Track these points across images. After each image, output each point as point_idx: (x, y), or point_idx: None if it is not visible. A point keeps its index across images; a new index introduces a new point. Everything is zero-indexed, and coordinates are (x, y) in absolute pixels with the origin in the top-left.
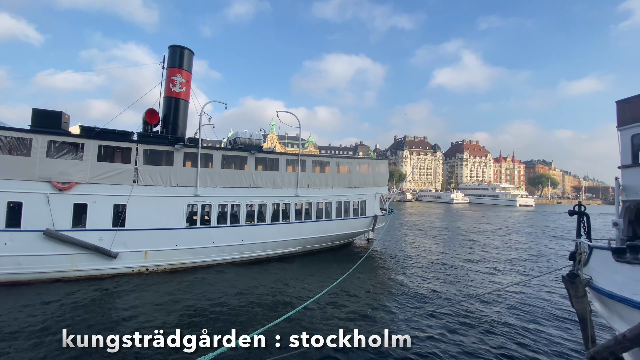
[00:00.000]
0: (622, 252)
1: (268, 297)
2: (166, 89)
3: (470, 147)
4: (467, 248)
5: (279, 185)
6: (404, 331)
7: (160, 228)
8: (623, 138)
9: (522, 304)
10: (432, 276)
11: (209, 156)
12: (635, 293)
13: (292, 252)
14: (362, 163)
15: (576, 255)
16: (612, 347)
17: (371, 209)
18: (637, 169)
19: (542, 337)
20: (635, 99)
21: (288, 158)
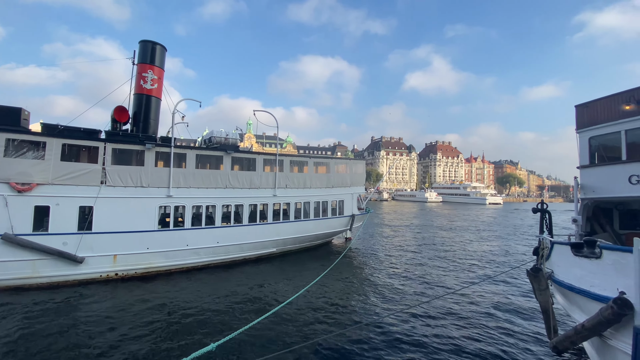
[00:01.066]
0: (580, 247)
1: (244, 299)
2: (137, 86)
3: (443, 148)
4: (440, 245)
5: (257, 185)
6: (381, 328)
7: (130, 231)
8: (581, 140)
9: (490, 298)
10: (407, 273)
11: (182, 156)
12: (592, 285)
13: (270, 253)
14: (340, 163)
15: (539, 250)
16: (572, 337)
17: (349, 209)
18: (594, 169)
19: (508, 329)
20: (593, 103)
21: (266, 158)
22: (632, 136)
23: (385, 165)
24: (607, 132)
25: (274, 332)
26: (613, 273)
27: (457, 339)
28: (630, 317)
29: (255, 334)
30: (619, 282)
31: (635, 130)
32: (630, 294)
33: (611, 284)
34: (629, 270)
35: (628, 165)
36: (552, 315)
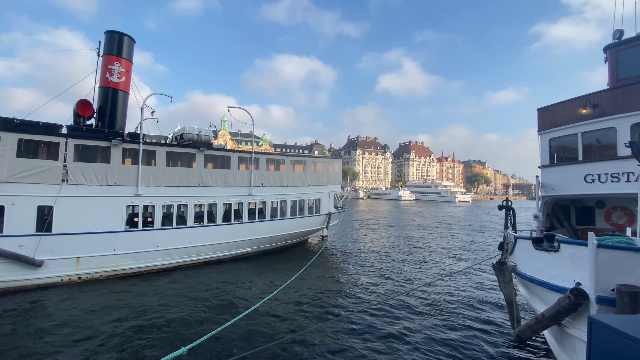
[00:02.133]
0: (540, 241)
1: (217, 300)
2: (102, 79)
3: (416, 147)
4: (413, 241)
5: (231, 184)
6: (356, 325)
7: (94, 232)
8: (542, 141)
9: (459, 290)
10: (381, 269)
11: (151, 152)
12: (551, 277)
13: (245, 253)
14: (317, 162)
15: (504, 245)
16: (533, 326)
17: (325, 207)
18: (553, 168)
19: (475, 319)
20: (553, 107)
21: (241, 156)
22: (588, 138)
23: (361, 164)
24: (565, 134)
25: (248, 332)
26: (570, 265)
27: (426, 329)
28: (585, 306)
29: (229, 335)
30: (575, 273)
31: (590, 132)
32: (585, 284)
33: (568, 276)
34: (584, 263)
35: (584, 165)
36: (516, 306)
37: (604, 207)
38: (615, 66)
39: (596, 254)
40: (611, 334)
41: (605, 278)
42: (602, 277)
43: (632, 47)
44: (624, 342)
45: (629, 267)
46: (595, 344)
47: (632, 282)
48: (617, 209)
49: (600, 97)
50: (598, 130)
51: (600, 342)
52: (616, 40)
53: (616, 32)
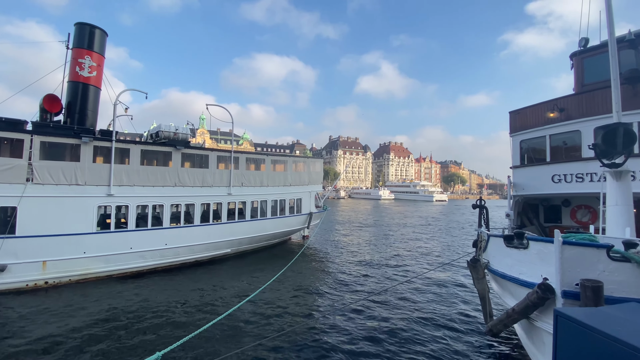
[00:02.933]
0: (510, 238)
1: (195, 303)
2: (72, 73)
3: (396, 148)
4: (392, 240)
5: (209, 183)
6: (335, 325)
7: (62, 234)
8: (514, 143)
9: (436, 287)
10: (361, 268)
11: (125, 151)
12: (521, 273)
13: (224, 254)
14: (298, 161)
15: (477, 242)
16: (505, 320)
17: (307, 207)
18: (524, 169)
19: (450, 315)
20: (523, 110)
21: (220, 155)
22: (555, 140)
23: (342, 164)
24: (534, 136)
25: (226, 335)
26: (538, 261)
27: (405, 326)
28: (552, 300)
29: (207, 338)
30: (542, 269)
31: (557, 135)
32: (551, 279)
33: (536, 271)
34: (550, 259)
35: (551, 166)
36: (489, 301)
37: (569, 206)
38: (580, 72)
39: (561, 250)
40: (575, 325)
41: (570, 273)
42: (567, 272)
43: (596, 54)
44: (586, 334)
45: (591, 262)
46: (561, 336)
47: (594, 276)
48: (582, 208)
49: (567, 102)
50: (564, 133)
51: (565, 333)
52: (582, 48)
53: (582, 40)
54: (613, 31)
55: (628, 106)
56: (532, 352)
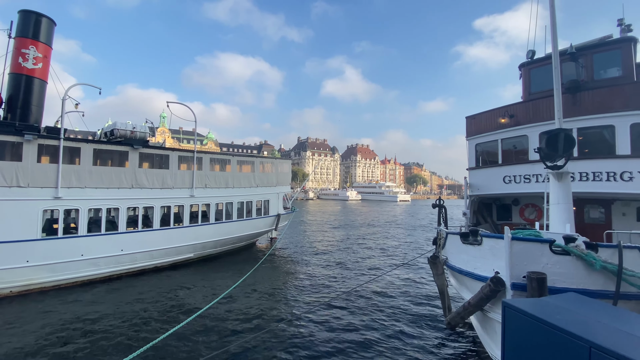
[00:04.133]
0: (466, 236)
1: (155, 311)
2: (14, 64)
3: (362, 150)
4: (358, 240)
5: (170, 185)
6: (302, 326)
7: (1, 241)
8: (470, 146)
9: (399, 283)
10: (329, 269)
11: (75, 150)
12: (476, 267)
13: (186, 259)
14: (266, 162)
15: (437, 240)
16: (462, 313)
17: (274, 208)
18: (479, 170)
19: (412, 310)
20: (478, 116)
21: (181, 155)
22: (506, 144)
23: (311, 165)
24: (488, 140)
25: (189, 342)
26: (490, 256)
27: (371, 323)
28: (502, 292)
29: (166, 348)
30: (494, 263)
31: (508, 139)
32: (502, 273)
33: (489, 266)
34: (501, 254)
35: (502, 168)
36: (447, 296)
37: (518, 205)
38: (527, 82)
39: (510, 246)
40: (520, 315)
41: (518, 267)
42: (515, 266)
43: (541, 65)
44: (529, 322)
45: (536, 256)
46: (508, 325)
47: (539, 269)
48: (529, 206)
49: (516, 109)
50: (514, 137)
51: (512, 322)
52: (529, 59)
53: (529, 52)
54: (556, 45)
55: (568, 113)
56: (486, 341)
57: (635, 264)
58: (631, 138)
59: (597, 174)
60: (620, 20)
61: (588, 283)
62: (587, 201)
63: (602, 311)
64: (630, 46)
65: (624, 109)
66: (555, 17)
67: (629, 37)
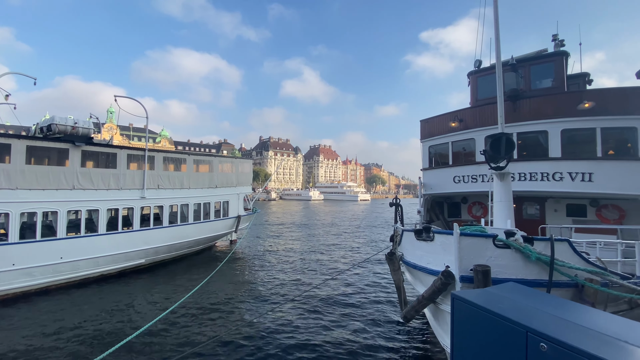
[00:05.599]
0: (420, 232)
1: (101, 322)
2: None
3: (325, 150)
4: (320, 239)
5: (118, 186)
6: (264, 328)
7: None
8: (423, 148)
9: (359, 281)
10: (290, 270)
11: (4, 147)
12: (429, 262)
13: (137, 265)
14: (225, 162)
15: (394, 237)
16: (416, 306)
17: (234, 210)
18: (432, 171)
19: (371, 306)
20: (432, 119)
21: (131, 153)
22: (456, 146)
23: (273, 165)
24: (440, 142)
25: (143, 351)
26: (441, 251)
27: (332, 320)
28: (452, 285)
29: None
30: (445, 258)
31: (457, 142)
32: (452, 267)
33: (440, 260)
34: (451, 248)
35: (453, 169)
36: (403, 290)
37: (467, 203)
38: (475, 89)
39: (459, 241)
40: (466, 305)
41: (466, 260)
42: (463, 259)
43: (486, 74)
44: (474, 311)
45: (482, 250)
46: (456, 315)
47: (484, 262)
48: (476, 204)
49: (465, 114)
50: (463, 140)
51: (459, 312)
52: (476, 68)
53: (476, 62)
54: (499, 56)
55: (510, 119)
56: (438, 332)
57: (565, 255)
58: (562, 142)
59: (533, 174)
60: (555, 35)
61: (526, 273)
62: (525, 199)
63: (537, 298)
64: (562, 60)
65: (556, 116)
66: (499, 32)
67: (561, 51)
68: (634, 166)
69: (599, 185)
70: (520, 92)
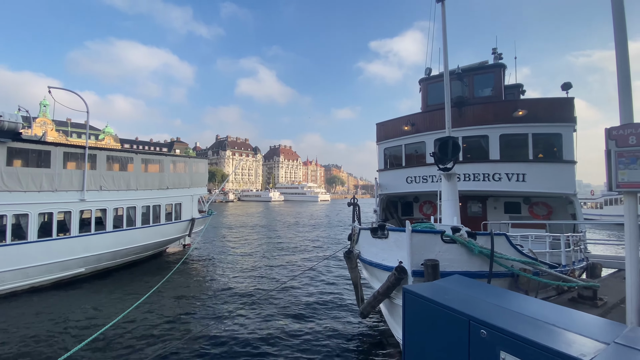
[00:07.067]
0: (375, 230)
1: (35, 338)
2: None
3: (285, 151)
4: (279, 240)
5: (52, 187)
6: (221, 334)
7: None
8: (379, 150)
9: (317, 280)
10: (249, 272)
11: None
12: (384, 259)
13: (76, 274)
14: (178, 161)
15: (352, 236)
16: (372, 302)
17: (188, 212)
18: (387, 172)
19: (330, 303)
20: (387, 123)
21: (68, 151)
22: (408, 149)
23: (231, 165)
24: (394, 144)
25: None
26: (395, 248)
27: (290, 320)
28: (405, 279)
29: None
30: (398, 254)
31: (410, 144)
32: (405, 262)
33: (394, 257)
34: (403, 245)
35: (406, 170)
36: (360, 287)
37: (418, 202)
38: (425, 95)
39: (411, 237)
40: (415, 298)
41: (417, 255)
42: (415, 255)
43: (436, 82)
44: (423, 303)
45: (431, 245)
46: (407, 307)
47: (433, 256)
48: (427, 203)
49: (416, 118)
50: (414, 143)
51: (410, 305)
52: (427, 76)
53: (427, 70)
54: (447, 66)
55: (456, 124)
56: (392, 325)
57: (502, 248)
58: (500, 146)
59: (476, 175)
60: (494, 49)
61: (470, 265)
62: (469, 197)
63: (479, 289)
64: (501, 71)
65: (495, 122)
66: (447, 47)
67: (499, 63)
68: (559, 168)
69: (531, 184)
70: (465, 99)
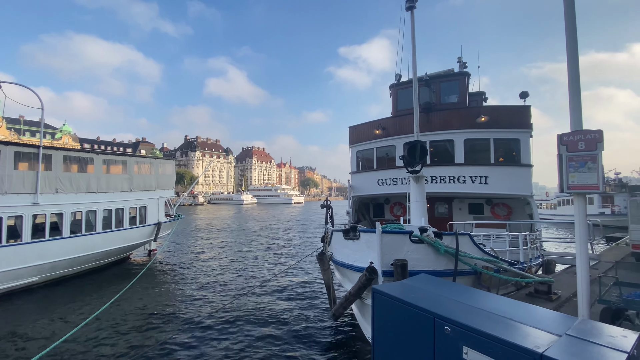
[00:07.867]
0: (347, 232)
1: None
2: None
3: (258, 153)
4: (251, 245)
5: (2, 190)
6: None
7: None
8: (352, 153)
9: (291, 283)
10: (219, 278)
11: None
12: (355, 260)
13: (29, 284)
14: (143, 162)
15: (325, 238)
16: (344, 303)
17: (154, 216)
18: (359, 174)
19: (302, 306)
20: (359, 126)
21: (20, 150)
22: (380, 152)
23: (201, 167)
24: (366, 147)
25: None
26: (366, 249)
27: (263, 324)
28: (376, 280)
29: None
30: (369, 255)
31: (381, 148)
32: (375, 262)
33: (365, 257)
34: (374, 245)
35: (377, 172)
36: (332, 289)
37: (389, 203)
38: (395, 100)
39: (381, 238)
40: (384, 297)
41: (387, 256)
42: (385, 255)
43: (405, 88)
44: (391, 302)
45: (400, 245)
46: (376, 307)
47: (402, 256)
48: (397, 204)
49: (387, 122)
50: (385, 146)
51: (379, 304)
52: (397, 82)
53: (397, 75)
54: (415, 73)
55: (424, 129)
56: (363, 325)
57: (466, 247)
58: (464, 150)
59: (442, 177)
60: (460, 58)
61: (436, 265)
62: (436, 199)
63: (444, 287)
64: (465, 79)
65: (460, 128)
66: (415, 53)
67: (464, 72)
68: (517, 171)
69: (492, 186)
70: (432, 105)
